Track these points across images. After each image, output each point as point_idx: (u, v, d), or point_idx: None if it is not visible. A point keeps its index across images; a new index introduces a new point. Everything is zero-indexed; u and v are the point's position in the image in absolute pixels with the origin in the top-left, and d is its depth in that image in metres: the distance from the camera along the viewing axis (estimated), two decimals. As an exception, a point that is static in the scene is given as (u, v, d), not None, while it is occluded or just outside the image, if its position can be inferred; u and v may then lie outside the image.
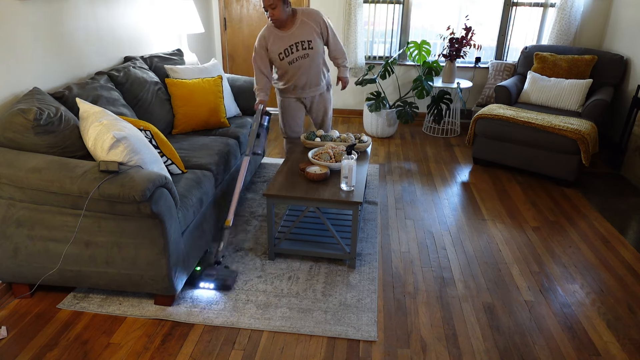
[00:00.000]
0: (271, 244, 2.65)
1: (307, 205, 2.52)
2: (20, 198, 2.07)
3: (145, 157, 2.14)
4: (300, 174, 2.73)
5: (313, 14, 3.02)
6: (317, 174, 2.61)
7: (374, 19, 5.13)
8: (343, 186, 2.55)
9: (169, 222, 2.09)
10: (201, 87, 3.27)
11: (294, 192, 2.51)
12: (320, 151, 2.84)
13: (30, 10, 2.48)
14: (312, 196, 2.48)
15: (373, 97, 4.68)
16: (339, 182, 2.65)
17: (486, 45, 5.11)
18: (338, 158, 2.77)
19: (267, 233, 2.60)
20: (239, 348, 2.08)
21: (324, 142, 3.06)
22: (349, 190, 2.54)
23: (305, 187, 2.57)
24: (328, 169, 2.68)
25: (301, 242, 2.75)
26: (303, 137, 3.12)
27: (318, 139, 3.10)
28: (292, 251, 2.67)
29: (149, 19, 3.72)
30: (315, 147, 3.07)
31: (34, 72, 2.53)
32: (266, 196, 2.51)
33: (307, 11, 3.02)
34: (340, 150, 2.83)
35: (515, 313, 2.34)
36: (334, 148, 2.84)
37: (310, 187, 2.57)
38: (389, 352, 2.08)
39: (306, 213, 2.60)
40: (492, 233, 3.06)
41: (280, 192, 2.51)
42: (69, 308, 2.30)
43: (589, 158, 3.53)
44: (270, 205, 2.55)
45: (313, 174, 2.61)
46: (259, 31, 5.24)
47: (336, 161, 2.76)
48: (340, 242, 2.63)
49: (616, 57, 4.19)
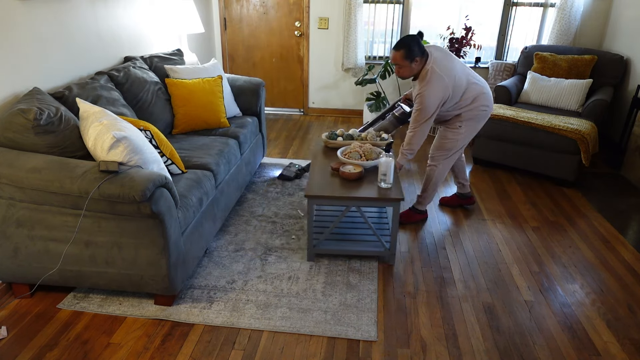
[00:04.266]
0: (310, 244, 2.66)
1: (349, 205, 2.54)
2: (20, 198, 2.07)
3: (145, 157, 2.14)
4: (333, 174, 2.74)
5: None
6: (352, 173, 2.63)
7: (374, 19, 5.13)
8: (382, 184, 2.57)
9: (169, 222, 2.09)
10: (201, 87, 3.27)
11: (333, 192, 2.52)
12: (349, 150, 2.84)
13: (31, 10, 2.48)
14: (352, 195, 2.50)
15: (373, 97, 4.68)
16: (372, 180, 2.67)
17: (486, 45, 5.11)
18: (368, 156, 2.78)
19: (307, 235, 2.62)
20: (239, 348, 2.08)
21: (346, 141, 3.06)
22: (387, 187, 2.56)
23: (342, 186, 2.59)
24: (362, 168, 2.69)
25: (335, 241, 2.76)
26: (325, 137, 3.13)
27: (340, 139, 3.11)
28: (331, 251, 2.67)
29: (149, 19, 3.72)
30: (338, 146, 3.08)
31: (34, 72, 2.53)
32: (308, 197, 2.51)
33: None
34: (370, 148, 2.83)
35: (515, 313, 2.34)
36: (361, 147, 2.84)
37: (347, 186, 2.59)
38: (389, 352, 2.08)
39: (343, 212, 2.62)
40: (492, 233, 3.06)
41: (321, 192, 2.52)
42: (69, 308, 2.30)
43: (589, 158, 3.53)
44: (311, 206, 2.56)
45: (349, 173, 2.63)
46: (259, 31, 5.25)
47: (367, 159, 2.77)
48: (380, 239, 2.65)
49: (616, 57, 4.19)
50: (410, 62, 2.62)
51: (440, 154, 2.99)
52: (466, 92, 2.78)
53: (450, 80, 2.66)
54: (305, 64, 5.35)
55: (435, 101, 2.66)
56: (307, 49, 5.27)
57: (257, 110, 3.74)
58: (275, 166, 4.02)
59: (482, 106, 2.83)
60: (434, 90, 2.63)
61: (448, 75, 2.65)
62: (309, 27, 5.17)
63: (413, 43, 2.60)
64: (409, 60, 2.61)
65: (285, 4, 5.13)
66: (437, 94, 2.64)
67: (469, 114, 2.83)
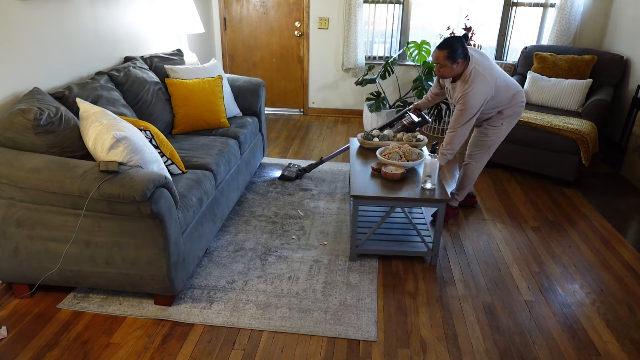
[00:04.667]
0: (353, 245, 2.66)
1: (395, 205, 2.56)
2: (20, 198, 2.07)
3: (145, 157, 2.14)
4: (374, 174, 2.76)
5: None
6: (396, 173, 2.64)
7: (374, 19, 5.13)
8: (428, 184, 2.58)
9: (169, 222, 2.09)
10: (201, 87, 3.27)
11: (379, 193, 2.54)
12: (389, 151, 2.85)
13: (31, 10, 2.48)
14: (397, 195, 2.51)
15: (373, 97, 4.68)
16: (413, 180, 2.68)
17: (486, 45, 5.11)
18: (408, 157, 2.80)
19: (351, 235, 2.63)
20: (239, 348, 2.08)
21: (382, 142, 3.11)
22: (432, 188, 2.57)
23: (386, 187, 2.61)
24: (404, 169, 2.70)
25: (376, 241, 2.77)
26: (361, 138, 3.16)
27: (376, 139, 3.15)
28: (374, 251, 2.69)
29: (149, 19, 3.72)
30: (374, 147, 3.12)
31: (34, 72, 2.53)
32: (354, 198, 2.52)
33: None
34: (409, 149, 2.85)
35: (515, 313, 2.34)
36: (400, 147, 2.86)
37: (390, 187, 2.60)
38: (389, 352, 2.08)
39: (388, 212, 2.63)
40: (492, 233, 3.06)
41: (366, 193, 2.53)
42: (69, 308, 2.30)
43: (589, 158, 3.53)
44: (357, 206, 2.56)
45: (392, 173, 2.65)
46: (259, 31, 5.25)
47: (406, 160, 2.79)
48: (423, 239, 2.66)
49: (616, 57, 4.19)
50: (452, 62, 2.62)
51: (479, 151, 3.03)
52: (506, 91, 2.82)
53: (492, 80, 2.69)
54: (305, 64, 5.35)
55: (479, 101, 2.67)
56: (307, 49, 5.27)
57: (257, 110, 3.74)
58: (275, 166, 4.02)
59: (521, 102, 2.90)
60: (479, 91, 2.65)
61: (490, 75, 2.69)
62: (309, 27, 5.17)
63: (457, 44, 2.61)
64: (451, 61, 2.62)
65: (285, 4, 5.13)
66: (481, 94, 2.66)
67: (510, 110, 2.88)
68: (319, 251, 2.79)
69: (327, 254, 2.76)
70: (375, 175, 2.75)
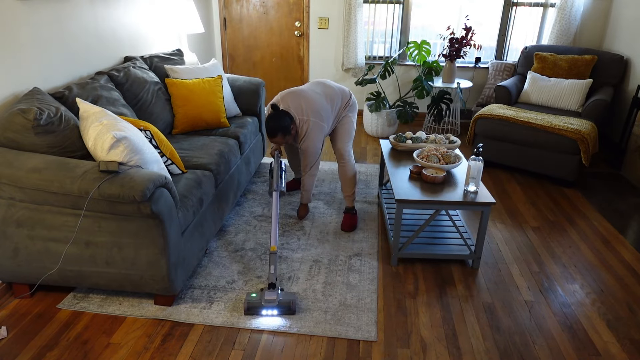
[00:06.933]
0: (395, 249, 2.65)
1: (441, 209, 2.55)
2: (20, 198, 2.07)
3: (145, 157, 2.14)
4: (413, 177, 2.76)
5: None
6: (437, 177, 2.64)
7: (374, 19, 5.13)
8: (471, 187, 2.57)
9: (168, 222, 2.09)
10: (201, 87, 3.27)
11: (422, 196, 2.53)
12: (426, 153, 2.85)
13: (31, 10, 2.48)
14: (442, 199, 2.50)
15: (373, 97, 4.68)
16: (452, 183, 2.68)
17: (486, 45, 5.11)
18: (447, 160, 2.81)
19: (394, 239, 2.61)
20: (239, 348, 2.08)
21: (416, 144, 3.10)
22: (475, 190, 2.57)
23: (428, 190, 2.60)
24: (444, 171, 2.70)
25: (418, 245, 2.77)
26: (394, 140, 3.16)
27: (409, 142, 3.14)
28: (416, 254, 2.68)
29: (149, 19, 3.72)
30: (407, 149, 3.13)
31: (34, 72, 2.53)
32: (398, 202, 2.51)
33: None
34: (446, 152, 2.85)
35: (515, 313, 2.34)
36: (437, 150, 2.85)
37: (432, 190, 2.60)
38: (389, 352, 2.08)
39: (432, 216, 2.63)
40: (492, 233, 3.06)
41: (409, 196, 2.53)
42: (69, 308, 2.30)
43: (589, 158, 3.53)
44: (400, 210, 2.55)
45: (433, 177, 2.65)
46: (259, 31, 5.26)
47: (445, 163, 2.79)
48: (466, 242, 2.66)
49: (616, 57, 4.19)
50: (290, 133, 2.77)
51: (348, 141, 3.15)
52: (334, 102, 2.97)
53: (319, 117, 2.81)
54: (305, 64, 5.35)
55: (319, 144, 2.87)
56: (307, 49, 5.27)
57: (257, 110, 3.74)
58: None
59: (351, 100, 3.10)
60: (314, 137, 2.82)
61: (314, 113, 2.80)
62: (309, 27, 5.17)
63: (279, 120, 2.71)
64: (289, 133, 2.77)
65: (285, 4, 5.13)
66: (319, 136, 2.84)
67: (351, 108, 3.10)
68: (319, 251, 2.79)
69: (327, 254, 2.76)
70: (414, 178, 2.74)
